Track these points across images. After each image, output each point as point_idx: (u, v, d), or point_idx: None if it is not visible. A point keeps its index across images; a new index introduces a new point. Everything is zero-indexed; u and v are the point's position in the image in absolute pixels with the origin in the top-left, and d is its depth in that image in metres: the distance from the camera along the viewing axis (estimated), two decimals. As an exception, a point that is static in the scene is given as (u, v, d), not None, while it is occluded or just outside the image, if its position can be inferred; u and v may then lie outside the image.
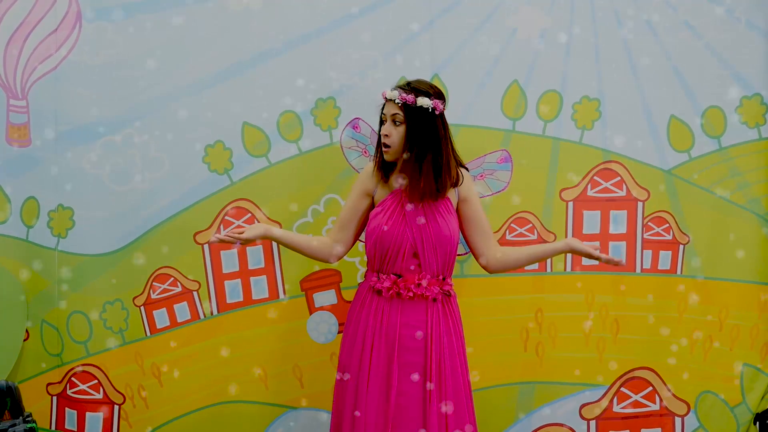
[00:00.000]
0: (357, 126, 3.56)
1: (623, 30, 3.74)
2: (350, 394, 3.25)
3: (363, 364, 3.23)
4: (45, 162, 3.61)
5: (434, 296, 3.26)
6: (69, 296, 3.63)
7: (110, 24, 3.62)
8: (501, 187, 3.61)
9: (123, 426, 3.68)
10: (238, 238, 3.25)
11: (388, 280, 3.25)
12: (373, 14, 3.66)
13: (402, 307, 3.25)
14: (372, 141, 3.53)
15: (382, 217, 3.27)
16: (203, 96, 3.63)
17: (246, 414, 3.71)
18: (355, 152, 3.57)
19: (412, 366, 3.22)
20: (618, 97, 3.74)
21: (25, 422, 3.07)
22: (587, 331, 3.77)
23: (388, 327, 3.24)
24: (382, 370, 3.22)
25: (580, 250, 3.32)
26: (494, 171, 3.59)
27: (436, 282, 3.26)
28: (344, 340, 3.35)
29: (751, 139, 3.81)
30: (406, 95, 3.22)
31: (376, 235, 3.26)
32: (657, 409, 3.81)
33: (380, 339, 3.23)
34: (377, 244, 3.26)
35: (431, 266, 3.25)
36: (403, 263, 3.25)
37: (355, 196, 3.38)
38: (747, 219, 3.81)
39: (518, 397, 3.76)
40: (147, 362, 3.68)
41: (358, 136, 3.58)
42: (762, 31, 3.80)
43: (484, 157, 3.60)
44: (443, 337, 3.25)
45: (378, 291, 3.27)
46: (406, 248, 3.24)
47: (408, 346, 3.23)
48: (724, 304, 3.81)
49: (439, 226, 3.24)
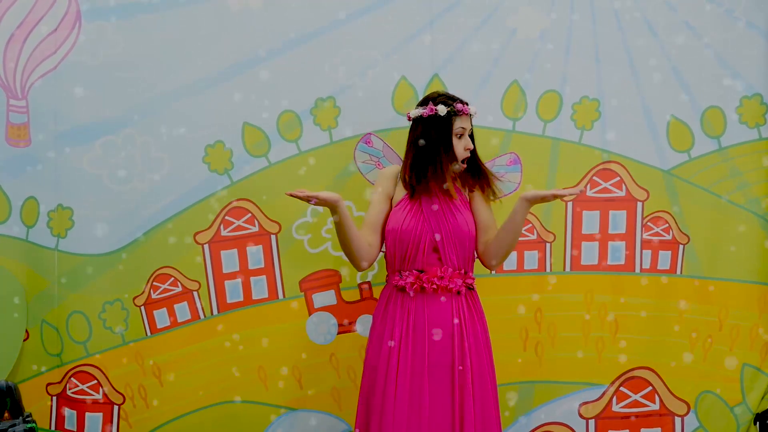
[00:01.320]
0: (369, 141, 3.60)
1: (623, 30, 3.74)
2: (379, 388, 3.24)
3: (391, 364, 3.24)
4: (45, 162, 3.62)
5: (458, 288, 3.29)
6: (69, 296, 3.64)
7: (110, 24, 3.62)
8: (512, 189, 3.62)
9: (123, 426, 3.68)
10: (313, 196, 3.21)
11: (411, 276, 3.28)
12: (374, 14, 3.66)
13: (427, 302, 3.27)
14: (385, 154, 3.59)
15: (400, 215, 3.32)
16: (203, 96, 3.63)
17: (245, 414, 3.71)
18: (369, 166, 3.60)
19: (442, 366, 3.24)
20: (618, 97, 3.74)
21: (25, 422, 3.08)
22: (587, 330, 3.77)
23: (416, 324, 3.26)
24: (410, 369, 3.23)
25: (534, 197, 3.27)
26: (504, 173, 3.60)
27: (458, 275, 3.29)
28: (371, 341, 3.34)
29: (751, 139, 3.81)
30: (410, 113, 3.40)
31: (395, 233, 3.30)
32: (657, 408, 3.80)
33: (407, 338, 3.25)
34: (397, 242, 3.30)
35: (452, 260, 3.29)
36: (424, 258, 3.28)
37: (380, 199, 3.41)
38: (747, 219, 3.80)
39: (518, 396, 3.76)
40: (147, 362, 3.68)
41: (371, 151, 3.61)
42: (762, 31, 3.79)
43: (494, 161, 3.61)
44: (469, 329, 3.28)
45: (401, 288, 3.29)
46: (426, 243, 3.28)
47: (436, 343, 3.25)
48: (724, 304, 3.81)
49: (457, 220, 3.29)
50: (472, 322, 3.31)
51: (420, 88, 3.67)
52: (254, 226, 3.68)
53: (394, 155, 3.62)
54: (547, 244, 3.75)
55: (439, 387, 3.23)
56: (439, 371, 3.24)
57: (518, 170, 3.63)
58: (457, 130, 3.34)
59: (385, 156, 3.59)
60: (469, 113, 3.36)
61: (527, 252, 3.74)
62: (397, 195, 3.40)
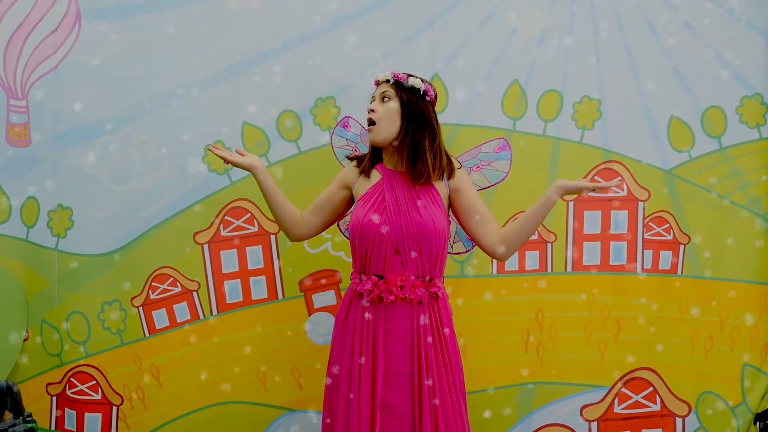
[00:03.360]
0: (347, 125, 3.49)
1: (623, 30, 3.75)
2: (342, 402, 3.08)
3: (353, 376, 3.07)
4: (45, 162, 3.61)
5: (419, 299, 3.07)
6: (68, 296, 3.63)
7: (110, 24, 3.62)
8: (499, 178, 3.39)
9: (121, 427, 3.67)
10: (226, 158, 3.21)
11: (369, 282, 3.07)
12: (374, 14, 3.66)
13: (386, 312, 3.07)
14: (362, 139, 3.46)
15: (362, 209, 3.12)
16: (203, 96, 3.63)
17: (244, 415, 3.70)
18: (345, 151, 3.48)
19: (400, 377, 3.05)
20: (618, 97, 3.74)
21: (25, 422, 3.07)
22: (588, 331, 3.76)
23: (374, 335, 3.06)
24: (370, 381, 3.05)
25: (571, 188, 3.12)
26: (491, 161, 3.36)
27: (420, 283, 3.08)
28: (332, 349, 3.18)
29: (751, 139, 3.82)
30: (398, 74, 3.17)
31: (356, 230, 3.10)
32: (658, 409, 3.80)
33: (368, 348, 3.07)
34: (358, 240, 3.10)
35: (415, 265, 3.07)
36: (384, 261, 3.07)
37: (334, 185, 3.29)
38: (747, 219, 3.81)
39: (519, 397, 3.75)
40: (145, 363, 3.67)
41: (348, 135, 3.48)
42: (762, 31, 3.80)
43: (480, 147, 3.40)
44: (429, 339, 3.06)
45: (360, 294, 3.11)
46: (387, 244, 3.06)
47: (394, 355, 3.06)
48: (725, 304, 3.81)
49: (422, 218, 3.06)
50: (432, 332, 3.07)
51: (420, 88, 3.67)
52: (254, 226, 3.67)
53: None
54: (549, 244, 3.75)
55: (398, 398, 3.04)
56: (399, 381, 3.04)
57: (507, 157, 3.39)
58: (370, 99, 3.23)
59: (363, 141, 3.44)
60: (378, 80, 3.21)
61: (528, 252, 3.73)
62: (360, 186, 3.22)
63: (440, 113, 3.65)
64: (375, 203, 3.13)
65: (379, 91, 3.21)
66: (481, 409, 3.72)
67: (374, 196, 3.15)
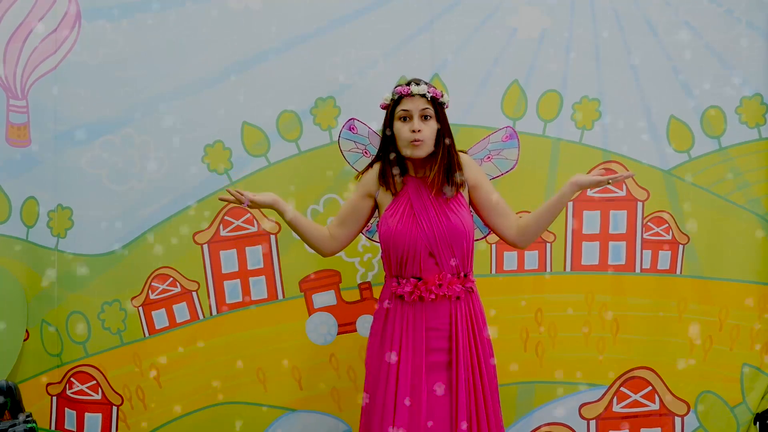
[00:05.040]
0: (353, 127, 3.47)
1: (623, 30, 3.74)
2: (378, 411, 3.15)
3: (390, 378, 3.14)
4: (45, 162, 3.61)
5: (457, 294, 3.19)
6: (68, 296, 3.63)
7: (110, 24, 3.62)
8: (510, 166, 3.46)
9: (121, 428, 3.67)
10: (246, 199, 3.19)
11: (409, 284, 3.17)
12: (373, 14, 3.66)
13: (425, 310, 3.17)
14: (371, 140, 3.47)
15: (392, 219, 3.19)
16: (203, 96, 3.63)
17: (244, 415, 3.70)
18: (355, 154, 3.49)
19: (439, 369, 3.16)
20: (618, 97, 3.74)
21: (25, 422, 3.07)
22: (587, 331, 3.77)
23: (415, 333, 3.17)
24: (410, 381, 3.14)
25: (588, 183, 3.20)
26: (501, 150, 3.44)
27: (457, 280, 3.19)
28: (372, 346, 3.25)
29: (751, 139, 3.81)
30: (435, 89, 3.21)
31: (389, 239, 3.18)
32: (657, 408, 3.80)
33: (407, 347, 3.16)
34: (392, 248, 3.18)
35: (449, 264, 3.18)
36: (420, 264, 3.16)
37: (357, 195, 3.30)
38: (747, 219, 3.81)
39: (518, 396, 3.75)
40: (145, 363, 3.67)
41: (356, 137, 3.47)
42: (762, 31, 3.80)
43: (489, 138, 3.46)
44: (468, 332, 3.19)
45: (400, 296, 3.19)
46: (421, 249, 3.16)
47: (434, 348, 3.17)
48: (724, 304, 3.81)
49: (451, 221, 3.17)
50: (470, 325, 3.22)
51: (420, 88, 3.67)
52: (253, 226, 3.67)
53: None
54: (548, 244, 3.75)
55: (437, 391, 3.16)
56: (437, 374, 3.16)
57: (515, 145, 3.46)
58: (399, 113, 3.18)
59: (372, 143, 3.44)
60: (412, 93, 3.18)
61: (528, 252, 3.73)
62: (382, 198, 3.27)
63: (440, 113, 3.68)
64: (404, 212, 3.20)
65: (416, 106, 3.18)
66: (480, 408, 3.72)
67: (401, 206, 3.21)
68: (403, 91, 3.19)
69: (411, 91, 3.19)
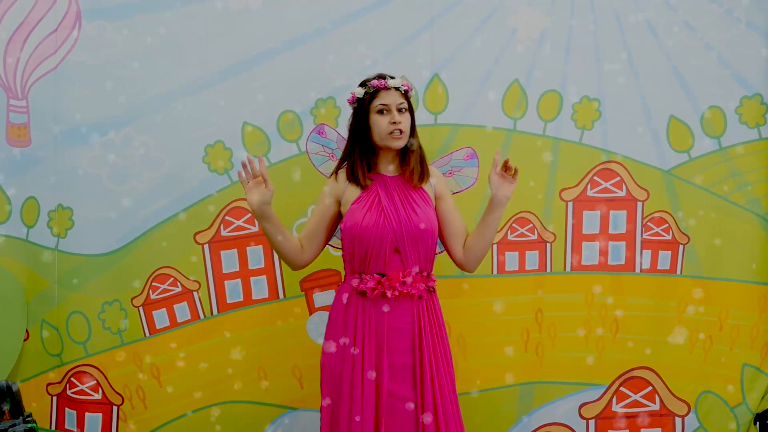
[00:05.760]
0: (323, 131, 3.48)
1: (623, 30, 3.74)
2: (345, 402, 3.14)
3: (356, 373, 3.13)
4: (45, 162, 3.61)
5: (420, 293, 3.19)
6: (68, 296, 3.63)
7: (110, 24, 3.62)
8: (470, 184, 3.50)
9: (122, 427, 3.67)
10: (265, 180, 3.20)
11: (372, 280, 3.16)
12: (373, 14, 3.66)
13: (389, 309, 3.16)
14: (339, 145, 3.47)
15: (359, 213, 3.19)
16: (203, 96, 3.63)
17: (245, 414, 3.71)
18: (322, 157, 3.48)
19: (403, 368, 3.15)
20: (618, 97, 3.74)
21: (25, 422, 3.07)
22: (587, 331, 3.77)
23: (377, 331, 3.15)
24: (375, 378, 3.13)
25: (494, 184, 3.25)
26: (462, 168, 3.49)
27: (420, 279, 3.19)
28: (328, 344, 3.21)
29: (751, 139, 3.81)
30: (407, 83, 3.28)
31: (355, 233, 3.17)
32: (657, 409, 3.81)
33: (370, 344, 3.15)
34: (357, 242, 3.17)
35: (414, 262, 3.18)
36: (385, 260, 3.16)
37: (326, 203, 3.30)
38: (747, 219, 3.81)
39: (518, 397, 3.75)
40: (146, 363, 3.67)
41: (324, 141, 3.48)
42: (762, 31, 3.80)
43: (452, 155, 3.50)
44: (428, 333, 3.18)
45: (362, 293, 3.17)
46: (387, 243, 3.15)
47: (396, 348, 3.15)
48: (724, 304, 3.81)
49: (419, 217, 3.18)
50: (430, 326, 3.19)
51: (420, 88, 3.67)
52: (254, 226, 3.67)
53: None
54: (548, 244, 3.75)
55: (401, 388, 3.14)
56: (400, 372, 3.15)
57: (475, 165, 3.50)
58: (377, 106, 3.22)
59: (339, 147, 3.46)
60: (389, 86, 3.24)
61: (528, 252, 3.74)
62: (350, 194, 3.25)
63: (440, 113, 3.68)
64: (371, 206, 3.20)
65: (393, 100, 3.23)
66: (481, 408, 3.72)
67: (368, 199, 3.22)
68: (380, 85, 3.24)
69: (388, 84, 3.23)
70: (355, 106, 3.30)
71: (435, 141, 3.66)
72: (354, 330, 3.17)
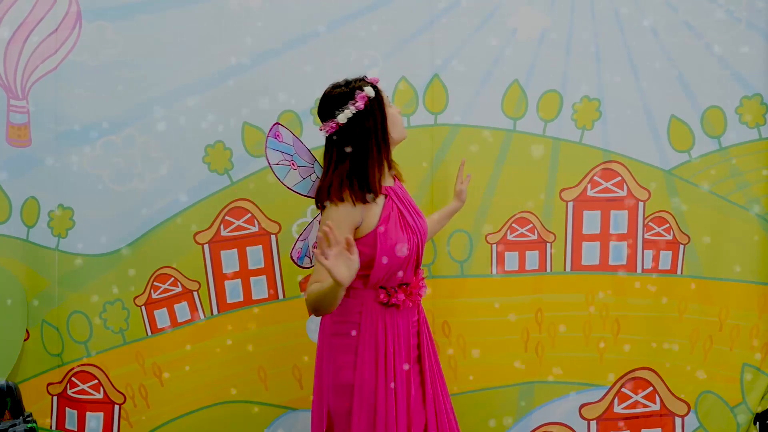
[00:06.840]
0: (278, 134, 3.23)
1: (623, 30, 3.74)
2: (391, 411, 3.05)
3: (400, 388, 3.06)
4: (45, 162, 3.61)
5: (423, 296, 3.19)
6: (69, 296, 3.64)
7: (110, 24, 3.62)
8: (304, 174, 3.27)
9: (123, 426, 3.68)
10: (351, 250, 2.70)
11: (402, 292, 3.07)
12: (373, 14, 3.66)
13: (399, 313, 3.10)
14: (297, 149, 3.24)
15: (393, 235, 2.99)
16: (203, 96, 3.63)
17: (245, 414, 3.71)
18: (283, 167, 3.24)
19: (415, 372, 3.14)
20: (618, 97, 3.74)
21: (25, 422, 3.08)
22: (587, 331, 3.77)
23: (407, 339, 3.09)
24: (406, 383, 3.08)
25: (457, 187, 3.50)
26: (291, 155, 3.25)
27: (424, 282, 3.19)
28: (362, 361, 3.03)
29: (751, 139, 3.81)
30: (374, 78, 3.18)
31: (393, 256, 2.98)
32: (657, 409, 3.81)
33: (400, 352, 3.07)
34: (395, 263, 3.00)
35: (421, 264, 3.15)
36: (411, 270, 3.09)
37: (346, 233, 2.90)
38: (747, 219, 3.81)
39: (518, 397, 3.76)
40: (148, 362, 3.68)
41: (281, 146, 3.23)
42: (762, 31, 3.80)
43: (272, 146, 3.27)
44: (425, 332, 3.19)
45: (393, 305, 3.05)
46: (414, 255, 3.07)
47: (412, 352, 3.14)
48: (724, 304, 3.82)
49: (424, 220, 3.17)
50: (425, 322, 3.20)
51: (420, 88, 3.67)
52: (254, 226, 3.68)
53: (306, 150, 3.28)
54: (548, 244, 3.75)
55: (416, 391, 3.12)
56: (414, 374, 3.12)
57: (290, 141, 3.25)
58: (386, 100, 3.08)
59: (297, 152, 3.24)
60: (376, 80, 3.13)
61: (528, 252, 3.74)
62: (369, 216, 2.99)
63: (440, 113, 3.68)
64: (397, 223, 3.04)
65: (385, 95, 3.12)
66: (481, 408, 3.73)
67: (392, 218, 3.03)
68: (375, 81, 3.11)
69: (378, 79, 3.12)
70: (370, 107, 3.03)
71: (435, 141, 3.67)
72: (394, 345, 3.06)
